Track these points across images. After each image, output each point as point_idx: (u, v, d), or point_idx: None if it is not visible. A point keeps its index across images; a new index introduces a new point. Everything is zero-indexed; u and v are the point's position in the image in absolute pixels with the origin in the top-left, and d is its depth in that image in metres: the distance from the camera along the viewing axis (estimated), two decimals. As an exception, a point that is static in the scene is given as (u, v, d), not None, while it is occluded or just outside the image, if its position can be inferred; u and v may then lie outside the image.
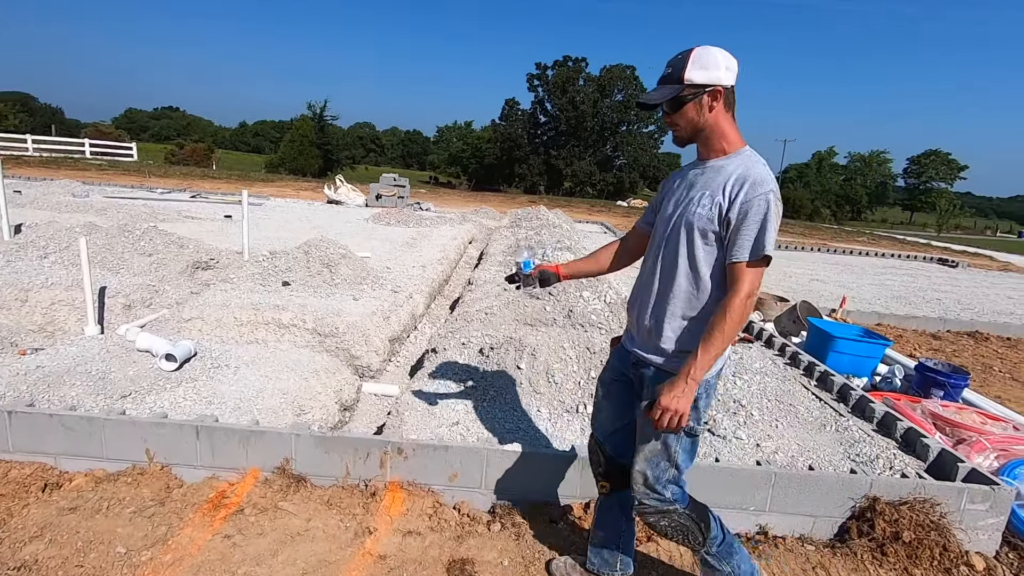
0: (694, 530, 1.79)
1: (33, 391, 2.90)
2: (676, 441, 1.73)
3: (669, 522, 1.78)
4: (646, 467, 1.76)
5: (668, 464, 1.74)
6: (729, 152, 1.71)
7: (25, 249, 5.42)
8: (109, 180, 17.07)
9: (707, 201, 1.66)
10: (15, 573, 1.98)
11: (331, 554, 2.21)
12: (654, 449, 1.74)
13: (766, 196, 1.59)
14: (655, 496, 1.76)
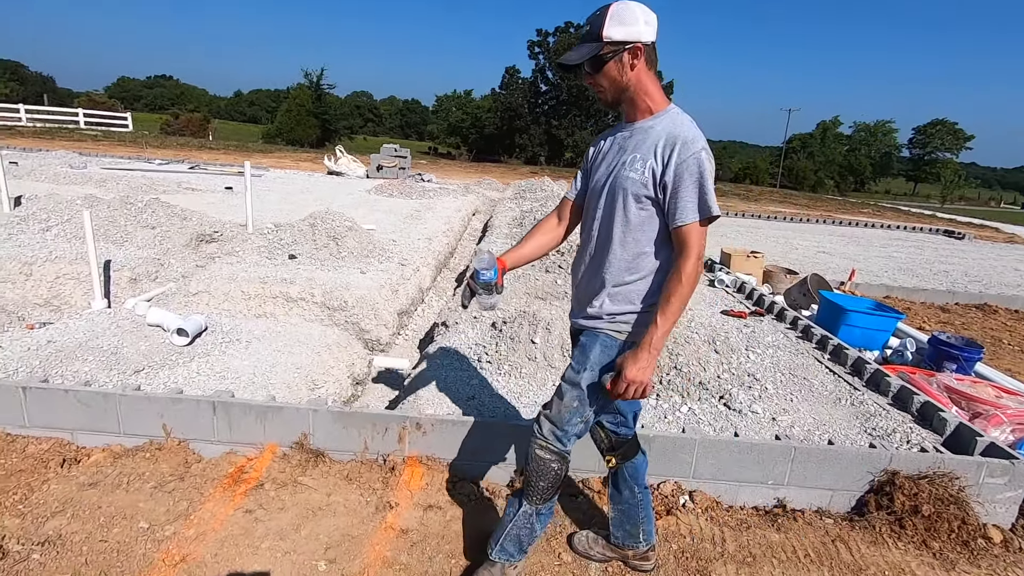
0: (559, 486, 1.82)
1: (46, 366, 2.87)
2: (593, 399, 1.74)
3: (558, 467, 1.78)
4: (558, 417, 1.76)
5: (579, 419, 1.76)
6: (655, 112, 1.67)
7: (26, 222, 5.34)
8: (105, 151, 16.80)
9: (639, 165, 1.62)
10: (40, 548, 1.99)
11: (353, 528, 2.21)
12: (571, 405, 1.74)
13: (698, 155, 1.56)
14: (559, 445, 1.77)
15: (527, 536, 1.89)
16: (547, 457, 1.77)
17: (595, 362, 1.72)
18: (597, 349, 1.73)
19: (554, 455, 1.78)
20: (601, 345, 1.73)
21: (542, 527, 1.91)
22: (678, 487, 2.53)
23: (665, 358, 3.36)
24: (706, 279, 6.36)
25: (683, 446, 2.52)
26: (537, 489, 1.81)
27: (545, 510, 1.87)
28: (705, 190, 1.57)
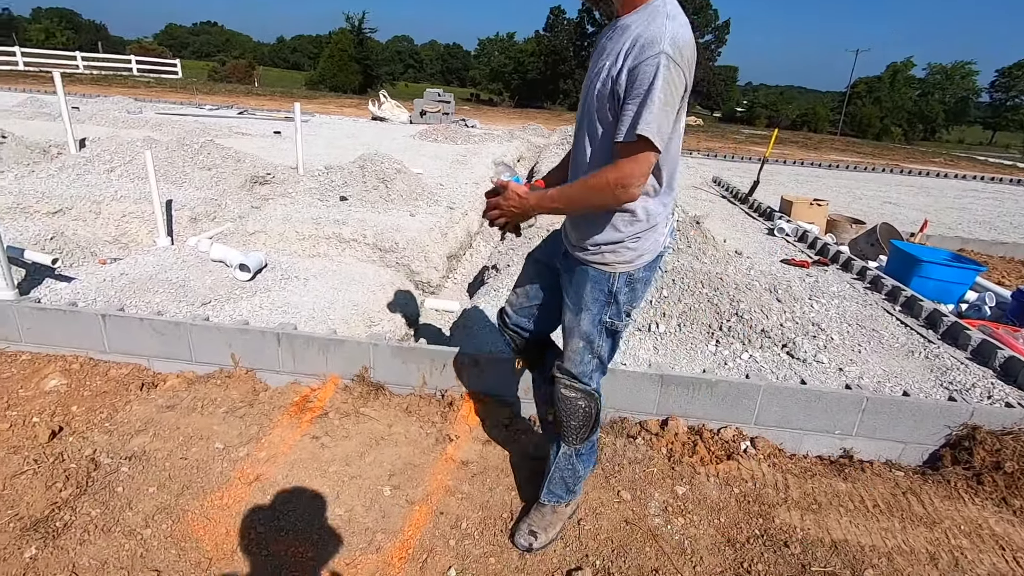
0: (593, 423, 1.78)
1: (121, 296, 3.00)
2: (598, 336, 1.68)
3: (586, 404, 1.74)
4: (572, 366, 1.72)
5: (592, 357, 1.70)
6: (638, 5, 1.44)
7: (92, 163, 5.52)
8: (158, 97, 17.15)
9: (604, 72, 1.43)
10: (128, 462, 2.12)
11: (415, 458, 2.26)
12: (578, 347, 1.69)
13: (655, 59, 1.31)
14: (582, 385, 1.74)
15: (571, 477, 1.88)
16: (572, 396, 1.74)
17: (589, 301, 1.65)
18: (588, 287, 1.65)
19: (578, 393, 1.73)
20: (591, 282, 1.64)
21: (586, 467, 1.90)
22: (739, 433, 2.47)
23: (726, 304, 3.24)
24: (765, 227, 6.08)
25: (746, 392, 2.44)
26: (570, 429, 1.79)
27: (585, 450, 1.85)
28: (646, 105, 1.32)
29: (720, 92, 55.30)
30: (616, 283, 1.61)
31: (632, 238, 1.57)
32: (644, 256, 1.61)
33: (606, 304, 1.63)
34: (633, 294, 1.66)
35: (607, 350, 1.72)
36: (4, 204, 4.65)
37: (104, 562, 1.73)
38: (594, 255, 1.61)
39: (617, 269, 1.60)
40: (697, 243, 4.12)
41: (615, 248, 1.58)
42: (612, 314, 1.65)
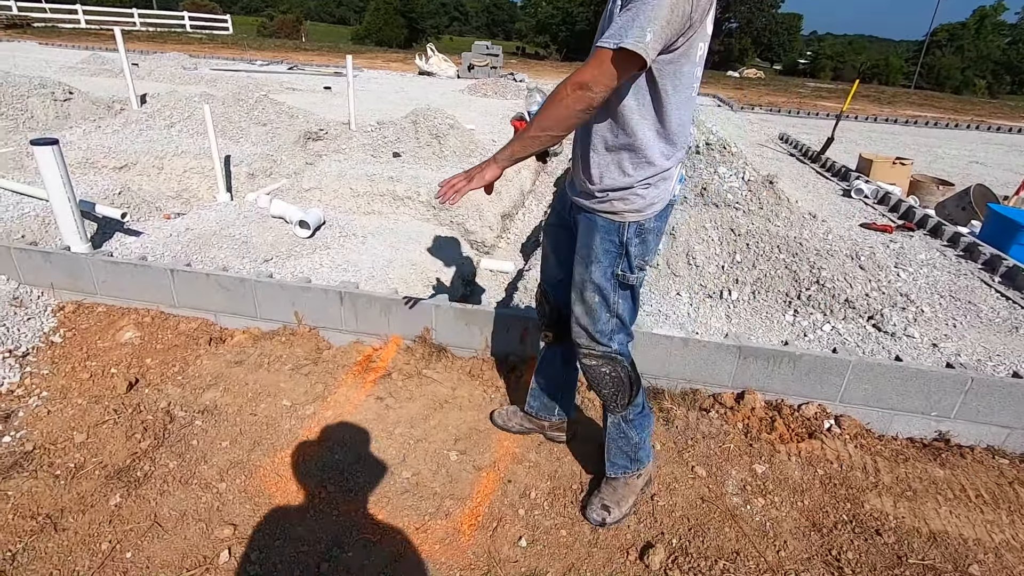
0: (627, 388, 1.68)
1: (187, 251, 3.03)
2: (612, 290, 1.57)
3: (611, 370, 1.65)
4: (587, 321, 1.62)
5: (609, 315, 1.60)
6: None
7: (153, 118, 5.60)
8: (211, 53, 17.33)
9: (618, 5, 1.29)
10: (200, 415, 2.15)
11: (479, 423, 2.21)
12: (592, 301, 1.59)
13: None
14: (601, 346, 1.64)
15: (627, 446, 1.79)
16: (593, 364, 1.65)
17: (600, 252, 1.54)
18: (597, 238, 1.54)
19: (599, 359, 1.64)
20: (600, 232, 1.53)
21: (640, 433, 1.80)
22: (822, 410, 2.31)
23: (805, 270, 3.02)
24: (839, 188, 5.66)
25: (833, 367, 2.26)
26: (604, 397, 1.72)
27: (633, 416, 1.76)
28: (637, 17, 1.19)
29: (782, 43, 51.76)
30: (626, 233, 1.51)
31: (642, 184, 1.46)
32: (655, 205, 1.50)
33: (617, 256, 1.54)
34: (644, 246, 1.55)
35: (625, 308, 1.62)
36: (74, 159, 4.78)
37: (183, 513, 1.76)
38: (602, 203, 1.51)
39: (627, 218, 1.50)
40: (769, 204, 3.84)
41: (624, 195, 1.47)
42: (624, 267, 1.55)
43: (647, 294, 2.98)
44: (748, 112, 12.38)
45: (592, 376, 1.68)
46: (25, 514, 1.73)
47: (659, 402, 2.33)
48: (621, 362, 1.65)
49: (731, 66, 37.32)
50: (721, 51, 41.63)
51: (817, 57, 57.41)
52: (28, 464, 1.91)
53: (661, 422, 2.25)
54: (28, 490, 1.81)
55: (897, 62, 50.15)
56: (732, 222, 3.33)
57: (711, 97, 14.24)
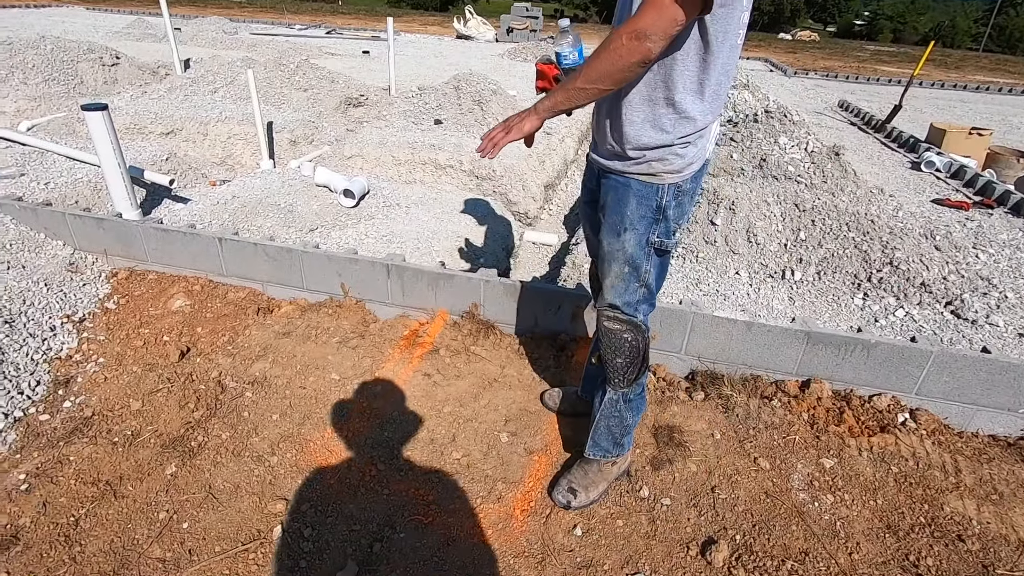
0: (640, 361, 1.58)
1: (235, 219, 3.02)
2: (645, 259, 1.47)
3: (632, 337, 1.53)
4: (615, 295, 1.52)
5: (639, 284, 1.50)
6: None
7: (197, 84, 5.60)
8: (250, 17, 17.31)
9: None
10: (251, 387, 2.15)
11: (530, 403, 2.15)
12: (621, 272, 1.49)
13: None
14: (628, 316, 1.53)
15: (617, 427, 1.69)
16: (616, 328, 1.53)
17: (636, 218, 1.42)
18: (633, 203, 1.41)
19: (623, 324, 1.52)
20: (636, 197, 1.40)
21: (635, 416, 1.69)
22: (896, 402, 2.16)
23: (877, 250, 2.81)
24: (907, 160, 5.28)
25: (911, 357, 2.10)
26: (615, 368, 1.58)
27: (633, 395, 1.65)
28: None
29: (837, 3, 48.59)
30: (665, 196, 1.39)
31: (681, 142, 1.33)
32: (694, 164, 1.38)
33: (654, 221, 1.42)
34: (681, 209, 1.44)
35: (655, 276, 1.51)
36: (122, 124, 4.83)
37: (237, 485, 1.76)
38: (638, 164, 1.38)
39: (666, 180, 1.37)
40: (834, 178, 3.59)
41: (663, 155, 1.34)
42: (661, 232, 1.43)
43: (703, 272, 2.84)
44: (802, 78, 11.70)
45: (611, 341, 1.56)
46: (87, 480, 1.76)
47: (718, 388, 2.21)
48: (644, 332, 1.55)
49: (782, 28, 35.35)
50: (771, 11, 39.39)
51: (875, 18, 53.73)
52: (88, 430, 1.94)
53: (720, 409, 2.14)
54: (89, 456, 1.84)
55: (965, 23, 46.55)
56: (796, 196, 3.12)
57: (762, 61, 13.51)
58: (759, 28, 36.67)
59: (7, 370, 2.12)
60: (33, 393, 2.08)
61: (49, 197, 3.28)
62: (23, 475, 1.76)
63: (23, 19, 12.51)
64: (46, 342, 2.31)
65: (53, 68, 5.84)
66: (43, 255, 2.76)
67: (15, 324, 2.32)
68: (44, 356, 2.25)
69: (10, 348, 2.21)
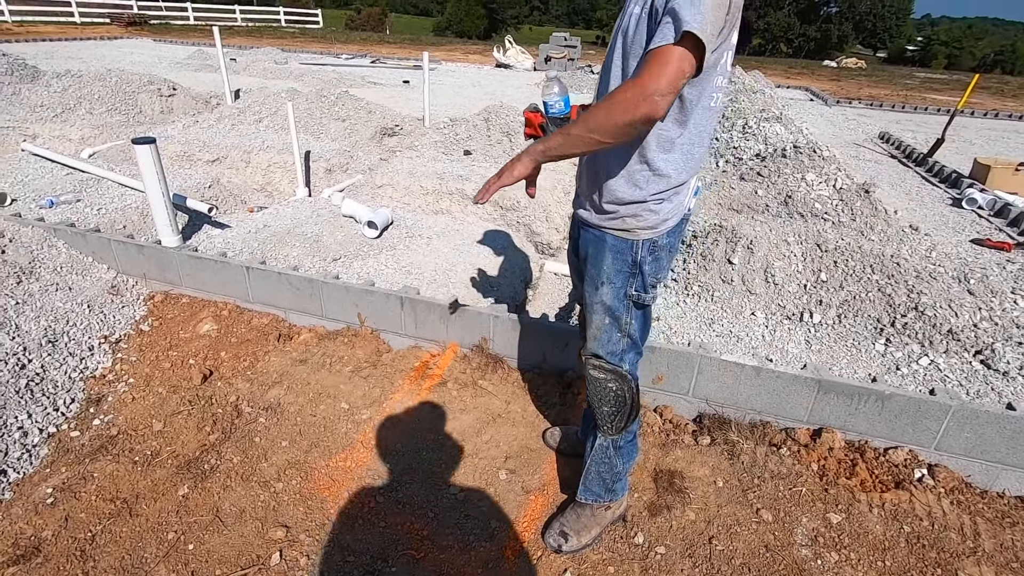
0: (627, 410, 1.58)
1: (264, 248, 3.18)
2: (625, 312, 1.49)
3: (617, 387, 1.55)
4: (599, 346, 1.54)
5: (621, 335, 1.52)
6: None
7: (244, 113, 5.93)
8: (301, 47, 18.20)
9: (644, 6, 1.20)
10: (265, 413, 2.24)
11: (531, 441, 2.16)
12: (602, 324, 1.51)
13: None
14: (612, 365, 1.55)
15: (608, 473, 1.69)
16: (601, 377, 1.56)
17: (612, 273, 1.45)
18: (608, 258, 1.44)
19: (608, 374, 1.54)
20: (612, 252, 1.43)
21: (625, 463, 1.70)
22: (912, 457, 2.07)
23: (902, 294, 2.72)
24: (949, 196, 5.09)
25: (929, 410, 2.02)
26: (603, 415, 1.60)
27: (623, 443, 1.65)
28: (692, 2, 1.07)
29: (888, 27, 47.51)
30: (640, 252, 1.41)
31: (655, 199, 1.35)
32: (669, 220, 1.40)
33: (631, 275, 1.44)
34: (657, 264, 1.45)
35: (637, 327, 1.53)
36: (174, 152, 5.15)
37: (242, 510, 1.84)
38: (612, 219, 1.41)
39: (640, 236, 1.40)
40: (863, 216, 3.51)
41: (636, 211, 1.37)
42: (638, 286, 1.46)
43: (718, 312, 2.80)
44: (844, 107, 11.45)
45: (597, 390, 1.59)
46: (106, 497, 1.87)
47: (724, 433, 2.18)
48: (629, 382, 1.56)
49: (828, 55, 34.76)
50: (817, 38, 38.82)
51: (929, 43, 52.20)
52: (112, 448, 2.06)
53: (725, 456, 2.10)
54: (111, 473, 1.95)
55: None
56: (819, 236, 3.06)
57: (802, 90, 13.31)
58: (803, 55, 36.15)
59: (46, 387, 2.28)
60: (67, 410, 2.23)
61: (100, 222, 3.52)
62: (50, 489, 1.88)
63: (96, 51, 13.52)
64: (83, 361, 2.47)
65: (116, 99, 6.30)
66: (89, 278, 2.96)
67: (57, 343, 2.49)
68: (80, 375, 2.41)
69: (51, 366, 2.38)
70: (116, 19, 21.65)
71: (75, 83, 6.35)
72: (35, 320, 2.55)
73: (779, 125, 5.95)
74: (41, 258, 2.93)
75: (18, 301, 2.61)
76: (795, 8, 38.76)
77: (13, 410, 2.12)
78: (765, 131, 5.85)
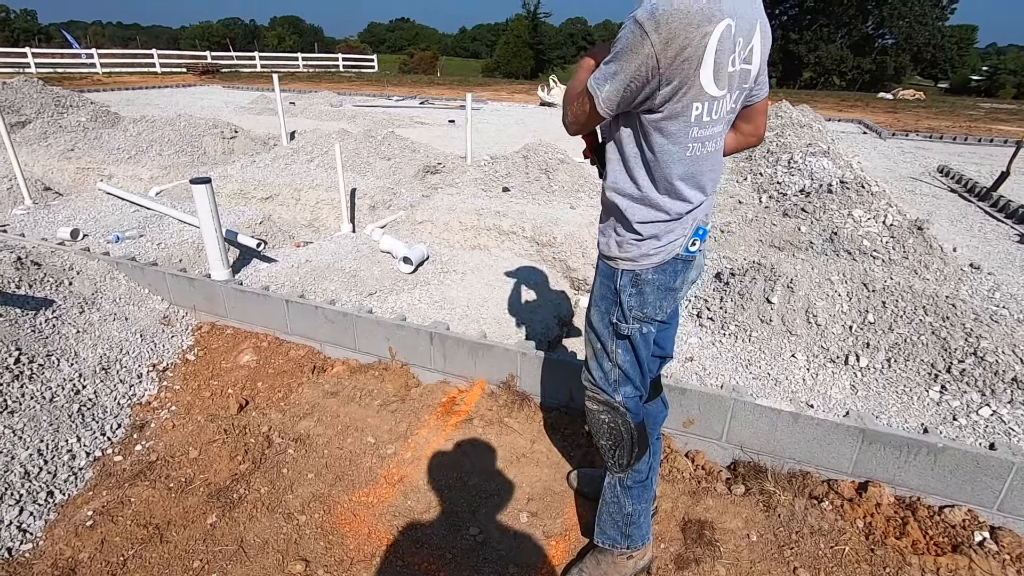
0: (626, 446, 1.55)
1: (304, 282, 3.30)
2: (610, 339, 1.49)
3: (610, 420, 1.54)
4: (591, 365, 1.57)
5: (611, 364, 1.52)
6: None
7: (297, 153, 6.27)
8: (356, 90, 19.21)
9: None
10: (294, 444, 2.29)
11: (555, 483, 2.11)
12: (593, 346, 1.55)
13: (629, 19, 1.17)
14: (605, 395, 1.54)
15: (618, 514, 1.62)
16: (594, 408, 1.56)
17: (598, 295, 1.50)
18: (598, 280, 1.52)
19: (600, 404, 1.55)
20: (601, 275, 1.50)
21: (635, 505, 1.61)
22: (972, 518, 1.90)
23: (959, 338, 2.54)
24: (1015, 233, 4.78)
25: (989, 466, 1.86)
26: (603, 450, 1.59)
27: (631, 483, 1.59)
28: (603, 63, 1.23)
29: (950, 58, 45.88)
30: (620, 280, 1.43)
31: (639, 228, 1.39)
32: (652, 257, 1.39)
33: (613, 303, 1.46)
34: (642, 298, 1.43)
35: (625, 359, 1.50)
36: (231, 190, 5.47)
37: (266, 542, 1.86)
38: (603, 244, 1.48)
39: (620, 265, 1.42)
40: (916, 254, 3.33)
41: (619, 240, 1.41)
42: (618, 315, 1.46)
43: (755, 353, 2.70)
44: (901, 139, 11.04)
45: (590, 421, 1.60)
46: (140, 522, 1.93)
47: (760, 483, 2.06)
48: (624, 416, 1.53)
49: (884, 86, 33.79)
50: (872, 70, 37.86)
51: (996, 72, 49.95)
52: (150, 474, 2.15)
53: (760, 507, 1.99)
54: (146, 499, 2.03)
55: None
56: (865, 275, 2.92)
57: (855, 123, 12.94)
58: (857, 88, 35.27)
59: (97, 412, 2.41)
60: (113, 435, 2.34)
61: (159, 256, 3.76)
62: (90, 512, 1.97)
63: (171, 97, 14.70)
64: (132, 388, 2.61)
65: (183, 141, 6.79)
66: (144, 308, 3.14)
67: (110, 371, 2.65)
68: (128, 401, 2.54)
69: (103, 392, 2.52)
70: (192, 69, 23.53)
71: (148, 127, 6.89)
72: (92, 348, 2.72)
73: (826, 159, 5.79)
74: (103, 290, 3.14)
75: (79, 330, 2.80)
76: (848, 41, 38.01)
77: (65, 433, 2.25)
78: (811, 166, 5.70)
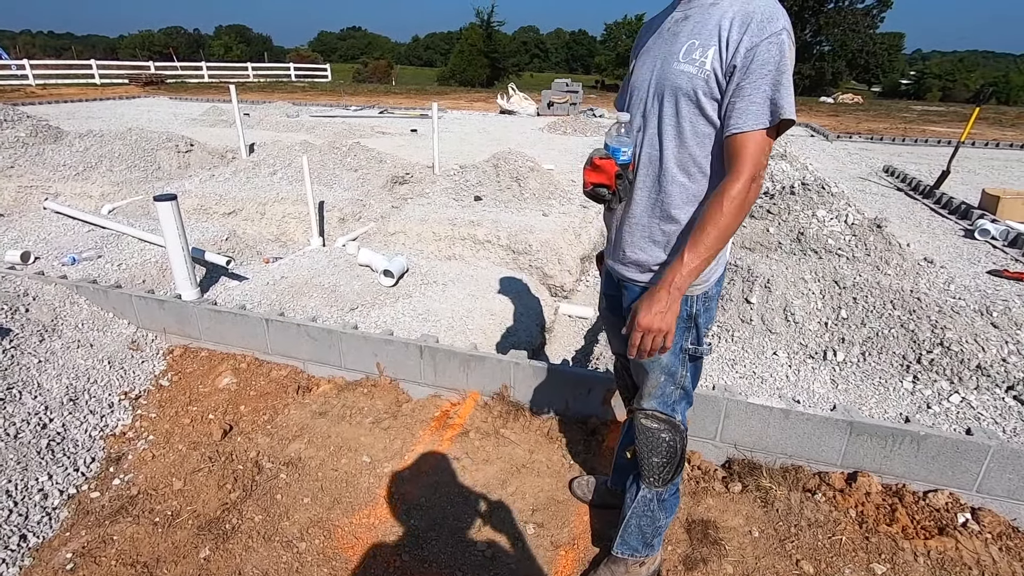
0: (677, 461, 1.55)
1: (282, 300, 3.20)
2: (680, 366, 1.46)
3: (670, 437, 1.52)
4: (656, 403, 1.50)
5: (675, 388, 1.50)
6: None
7: (259, 166, 6.09)
8: (311, 100, 18.84)
9: (696, 54, 1.24)
10: (286, 468, 2.21)
11: (558, 492, 2.11)
12: (657, 381, 1.48)
13: (778, 37, 1.17)
14: (666, 415, 1.51)
15: (649, 527, 1.63)
16: (654, 427, 1.52)
17: None
18: None
19: (661, 423, 1.51)
20: None
21: (667, 516, 1.64)
22: (955, 500, 2.00)
23: (925, 330, 2.69)
24: (959, 228, 5.10)
25: (967, 451, 1.96)
26: (651, 467, 1.55)
27: (668, 495, 1.61)
28: (781, 85, 1.19)
29: (880, 64, 48.59)
30: (695, 306, 1.42)
31: None
32: (718, 270, 1.43)
33: (686, 330, 1.44)
34: (709, 315, 1.47)
35: (692, 379, 1.52)
36: (191, 206, 5.27)
37: (265, 573, 1.78)
38: (658, 277, 1.39)
39: (695, 291, 1.40)
40: (878, 251, 3.51)
41: None
42: (693, 340, 1.46)
43: (739, 352, 2.77)
44: (846, 142, 11.62)
45: (648, 440, 1.53)
46: (126, 561, 1.82)
47: (756, 479, 2.12)
48: (682, 432, 1.53)
49: (824, 91, 35.54)
50: (812, 75, 39.73)
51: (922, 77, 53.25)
52: (132, 509, 2.03)
53: (758, 503, 2.04)
54: (130, 536, 1.91)
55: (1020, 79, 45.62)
56: (835, 273, 3.05)
57: (803, 127, 13.53)
58: (800, 92, 36.96)
59: (67, 447, 2.27)
60: (87, 470, 2.20)
61: (121, 277, 3.58)
62: (70, 554, 1.84)
63: (115, 110, 14.05)
64: (104, 419, 2.47)
65: (136, 156, 6.50)
66: (110, 334, 2.98)
67: (78, 401, 2.49)
68: (101, 433, 2.40)
69: (72, 425, 2.37)
70: (135, 79, 22.55)
71: (96, 142, 6.57)
72: (56, 378, 2.56)
73: (784, 162, 6.04)
74: (63, 315, 2.96)
75: (41, 359, 2.63)
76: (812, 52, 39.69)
77: (34, 471, 2.10)
78: (771, 168, 5.93)
